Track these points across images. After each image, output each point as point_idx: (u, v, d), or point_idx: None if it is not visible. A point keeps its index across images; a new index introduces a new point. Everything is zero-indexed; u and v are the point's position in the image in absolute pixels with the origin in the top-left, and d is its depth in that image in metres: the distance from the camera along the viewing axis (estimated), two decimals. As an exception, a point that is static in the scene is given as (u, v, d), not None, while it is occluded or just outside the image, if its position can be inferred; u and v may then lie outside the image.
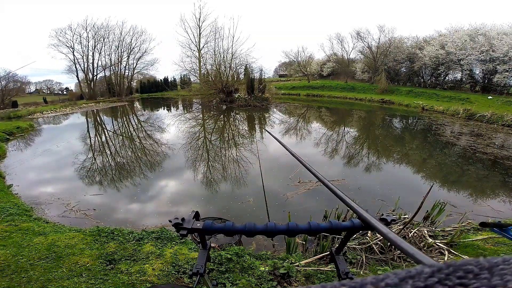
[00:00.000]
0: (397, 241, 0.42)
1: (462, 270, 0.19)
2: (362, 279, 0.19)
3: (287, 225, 0.69)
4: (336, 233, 0.74)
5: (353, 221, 0.70)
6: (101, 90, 41.93)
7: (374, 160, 7.96)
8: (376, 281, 0.19)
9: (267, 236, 0.69)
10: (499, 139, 10.42)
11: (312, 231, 0.69)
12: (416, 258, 0.35)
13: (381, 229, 0.47)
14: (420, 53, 26.39)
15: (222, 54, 25.75)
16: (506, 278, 0.17)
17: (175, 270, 2.72)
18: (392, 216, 0.71)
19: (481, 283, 0.17)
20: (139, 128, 14.83)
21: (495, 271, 0.18)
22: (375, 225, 0.51)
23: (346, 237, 0.79)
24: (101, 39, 38.59)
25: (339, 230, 0.71)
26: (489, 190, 5.80)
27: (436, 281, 0.18)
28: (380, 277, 0.19)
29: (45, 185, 6.28)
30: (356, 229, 0.70)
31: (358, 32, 32.28)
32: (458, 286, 0.17)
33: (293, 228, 0.68)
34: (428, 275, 0.19)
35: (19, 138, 12.66)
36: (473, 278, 0.18)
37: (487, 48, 20.94)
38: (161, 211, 4.86)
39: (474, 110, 15.05)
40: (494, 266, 0.19)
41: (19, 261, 2.81)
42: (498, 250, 3.12)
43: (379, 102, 24.55)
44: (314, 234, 0.70)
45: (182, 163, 7.80)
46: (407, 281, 0.18)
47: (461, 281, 0.18)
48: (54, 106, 28.21)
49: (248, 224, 0.69)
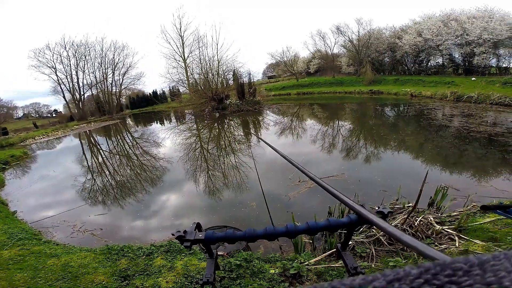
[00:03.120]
0: (396, 234, 0.42)
1: (451, 268, 0.19)
2: (351, 279, 0.20)
3: (286, 227, 0.70)
4: (335, 230, 0.76)
5: (350, 217, 0.71)
6: (90, 110, 41.21)
7: (371, 151, 8.06)
8: (364, 282, 0.19)
9: (267, 239, 0.70)
10: (490, 117, 10.66)
11: (311, 230, 0.70)
12: (419, 250, 0.36)
13: (380, 224, 0.49)
14: (400, 42, 27.00)
15: (208, 62, 25.75)
16: (500, 274, 0.17)
17: (187, 281, 2.74)
18: (389, 208, 0.73)
19: (474, 280, 0.17)
20: (134, 145, 14.75)
21: (487, 268, 0.18)
22: (373, 220, 0.53)
23: (348, 233, 0.82)
24: (83, 57, 37.86)
25: (338, 227, 0.72)
26: (490, 169, 5.82)
27: (422, 282, 0.18)
28: (369, 279, 0.20)
29: (48, 209, 6.26)
30: (354, 225, 0.71)
31: (338, 27, 32.89)
32: (448, 284, 0.17)
33: (292, 229, 0.70)
34: (415, 276, 0.19)
35: (15, 166, 12.52)
36: (464, 276, 0.18)
37: (461, 33, 21.63)
38: (167, 225, 4.87)
39: (461, 92, 15.36)
40: (485, 263, 0.19)
41: (38, 283, 2.85)
42: (511, 232, 2.95)
43: (368, 93, 24.86)
44: (313, 233, 0.72)
45: (182, 175, 7.81)
46: (393, 284, 0.18)
47: (450, 279, 0.18)
48: (46, 130, 27.90)
49: (248, 230, 0.72)
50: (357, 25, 31.24)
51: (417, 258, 2.85)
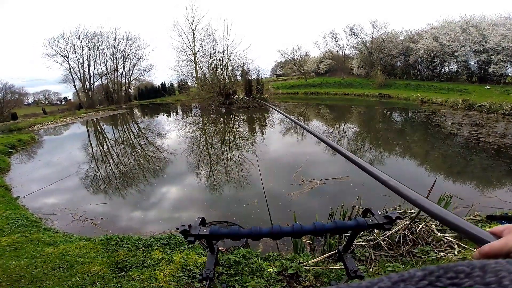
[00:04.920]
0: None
1: (453, 271, 0.19)
2: (358, 283, 0.21)
3: (292, 227, 0.70)
4: (341, 233, 0.74)
5: (358, 220, 0.71)
6: (99, 99, 41.82)
7: (376, 154, 7.97)
8: (370, 285, 0.20)
9: (272, 238, 0.70)
10: (501, 128, 10.43)
11: (317, 231, 0.69)
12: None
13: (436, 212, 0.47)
14: (414, 46, 26.43)
15: (218, 57, 25.72)
16: (501, 275, 0.18)
17: (185, 275, 2.74)
18: (397, 213, 0.71)
19: (474, 281, 0.18)
20: (140, 135, 14.86)
21: (488, 269, 0.19)
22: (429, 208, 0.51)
23: (352, 235, 0.80)
24: (95, 47, 38.57)
25: (344, 230, 0.71)
26: (495, 180, 5.77)
27: (426, 284, 0.18)
28: (375, 281, 0.20)
29: (51, 196, 6.31)
30: (361, 228, 0.71)
31: (351, 28, 32.39)
32: (450, 286, 0.18)
33: (298, 229, 0.69)
34: (420, 278, 0.19)
35: (22, 151, 12.70)
36: (465, 278, 0.18)
37: (479, 39, 21.01)
38: (167, 217, 4.89)
39: (473, 101, 15.05)
40: (487, 265, 0.19)
41: (34, 271, 2.86)
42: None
43: (377, 96, 24.56)
44: (319, 234, 0.71)
45: (185, 168, 7.83)
46: (399, 285, 0.19)
47: (453, 281, 0.18)
48: (54, 117, 28.26)
49: (253, 227, 0.71)
50: (372, 27, 30.72)
51: (415, 264, 2.83)
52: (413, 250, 3.11)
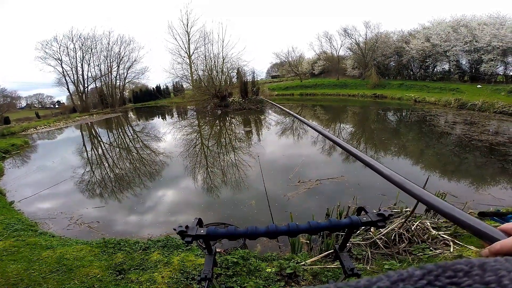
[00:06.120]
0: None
1: (452, 270, 0.19)
2: (356, 281, 0.21)
3: (288, 226, 0.71)
4: (336, 231, 0.76)
5: (352, 218, 0.72)
6: (93, 102, 41.36)
7: (371, 154, 8.04)
8: (369, 284, 0.20)
9: (269, 237, 0.71)
10: (493, 126, 10.61)
11: (312, 230, 0.71)
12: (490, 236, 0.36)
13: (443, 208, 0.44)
14: (407, 46, 26.76)
15: (213, 59, 25.72)
16: (500, 274, 0.18)
17: (183, 277, 2.75)
18: (390, 211, 0.73)
19: (474, 280, 0.18)
20: (135, 139, 14.77)
21: (487, 268, 0.19)
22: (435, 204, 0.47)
23: (347, 234, 0.82)
24: (89, 50, 38.18)
25: (339, 228, 0.73)
26: (489, 177, 5.85)
27: (425, 283, 0.19)
28: (373, 280, 0.20)
29: (46, 200, 6.26)
30: (355, 226, 0.72)
31: (345, 29, 32.68)
32: (449, 285, 0.18)
33: (293, 228, 0.71)
34: (419, 277, 0.19)
35: (15, 155, 12.55)
36: (464, 276, 0.18)
37: (470, 39, 21.39)
38: (164, 220, 4.88)
39: (465, 100, 15.27)
40: (486, 264, 0.19)
41: (32, 274, 2.85)
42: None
43: (372, 97, 24.77)
44: (314, 233, 0.72)
45: (181, 171, 7.81)
46: (398, 284, 0.19)
47: (451, 280, 0.18)
48: (48, 121, 27.95)
49: (250, 227, 0.72)
50: (365, 28, 31.03)
51: (412, 262, 2.87)
52: (409, 248, 3.15)
